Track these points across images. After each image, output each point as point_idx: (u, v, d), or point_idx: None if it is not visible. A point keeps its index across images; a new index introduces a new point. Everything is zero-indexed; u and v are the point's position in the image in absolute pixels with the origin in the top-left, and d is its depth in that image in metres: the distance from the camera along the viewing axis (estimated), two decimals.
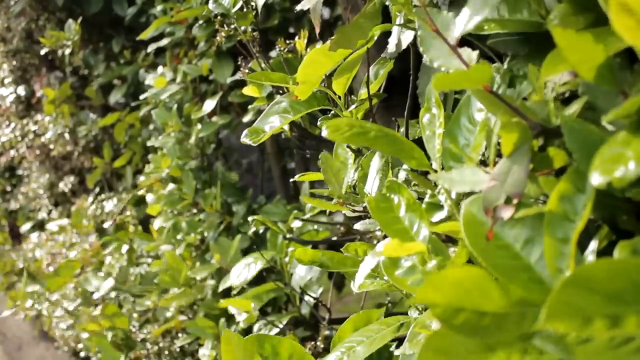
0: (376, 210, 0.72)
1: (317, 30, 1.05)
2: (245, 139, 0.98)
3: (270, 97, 1.53)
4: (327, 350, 1.03)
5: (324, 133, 0.68)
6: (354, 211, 0.98)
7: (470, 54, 0.58)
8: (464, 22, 0.59)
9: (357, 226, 0.98)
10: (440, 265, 0.65)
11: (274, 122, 0.98)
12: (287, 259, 1.88)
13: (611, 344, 0.40)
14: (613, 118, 0.51)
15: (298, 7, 0.96)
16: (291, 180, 1.21)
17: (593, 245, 0.55)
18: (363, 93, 1.05)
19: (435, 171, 0.71)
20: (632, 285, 0.40)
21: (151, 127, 3.21)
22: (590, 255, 0.54)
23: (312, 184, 2.38)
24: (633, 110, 0.50)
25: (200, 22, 2.35)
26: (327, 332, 1.55)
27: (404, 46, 1.00)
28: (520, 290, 0.49)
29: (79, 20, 3.29)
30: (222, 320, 2.15)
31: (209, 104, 2.50)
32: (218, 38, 1.43)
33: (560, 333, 0.41)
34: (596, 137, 0.53)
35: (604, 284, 0.40)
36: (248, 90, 1.34)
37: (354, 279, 0.85)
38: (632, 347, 0.39)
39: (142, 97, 2.82)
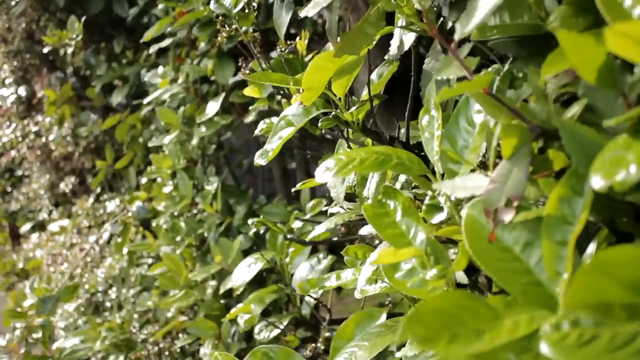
0: (372, 217, 0.72)
1: (334, 44, 1.05)
2: (258, 160, 0.99)
3: (271, 97, 1.53)
4: (327, 352, 1.03)
5: (318, 179, 0.71)
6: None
7: (471, 61, 0.58)
8: (463, 25, 0.59)
9: (362, 231, 0.98)
10: (440, 274, 0.65)
11: (280, 138, 0.99)
12: (287, 260, 1.88)
13: (612, 346, 0.39)
14: (615, 124, 0.51)
15: (302, 14, 0.96)
16: (293, 190, 1.22)
17: (592, 247, 0.55)
18: (364, 94, 1.05)
19: (434, 173, 0.71)
20: None
21: (152, 127, 3.21)
22: (588, 258, 0.54)
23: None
24: (635, 117, 0.50)
25: (201, 22, 2.35)
26: (327, 334, 1.55)
27: (406, 48, 1.00)
28: (518, 295, 0.49)
29: (81, 20, 3.29)
30: (225, 321, 2.16)
31: (212, 106, 2.49)
32: (219, 38, 1.43)
33: (561, 334, 0.41)
34: (595, 139, 0.53)
35: (623, 271, 0.40)
36: (249, 91, 1.34)
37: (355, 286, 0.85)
38: (633, 349, 0.39)
39: (145, 101, 2.81)
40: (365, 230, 0.96)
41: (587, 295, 0.40)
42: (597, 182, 0.47)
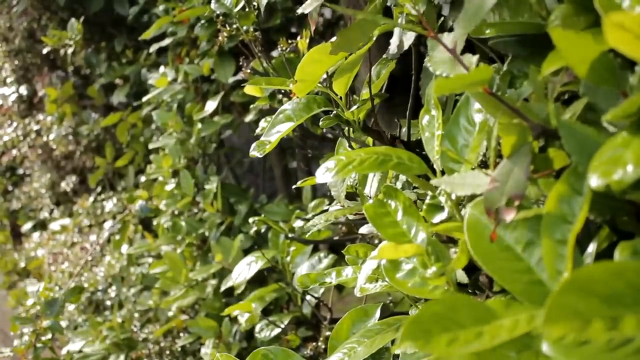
0: (373, 216, 0.73)
1: (313, 28, 1.05)
2: (253, 152, 0.99)
3: (272, 96, 1.53)
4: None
5: (319, 180, 0.73)
6: (356, 214, 0.98)
7: (471, 59, 0.58)
8: (462, 25, 0.59)
9: (362, 230, 0.98)
10: (440, 271, 0.65)
11: (278, 132, 0.99)
12: (288, 259, 1.88)
13: (609, 346, 0.40)
14: (612, 118, 0.51)
15: (299, 11, 0.96)
16: (294, 187, 1.21)
17: (592, 246, 0.55)
18: (365, 93, 1.05)
19: (435, 172, 0.71)
20: (630, 288, 0.40)
21: (153, 126, 3.21)
22: (589, 256, 0.54)
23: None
24: (632, 110, 0.50)
25: (203, 21, 2.35)
26: (328, 333, 1.55)
27: (405, 47, 1.00)
28: (519, 294, 0.49)
29: (81, 19, 3.29)
30: (226, 320, 2.16)
31: (211, 105, 2.49)
32: (220, 38, 1.43)
33: (558, 335, 0.41)
34: (594, 138, 0.53)
35: (602, 286, 0.40)
36: (249, 90, 1.34)
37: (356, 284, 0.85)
38: (631, 349, 0.39)
39: (144, 98, 2.82)
40: (366, 229, 0.96)
41: (565, 314, 0.40)
42: (594, 181, 0.47)
